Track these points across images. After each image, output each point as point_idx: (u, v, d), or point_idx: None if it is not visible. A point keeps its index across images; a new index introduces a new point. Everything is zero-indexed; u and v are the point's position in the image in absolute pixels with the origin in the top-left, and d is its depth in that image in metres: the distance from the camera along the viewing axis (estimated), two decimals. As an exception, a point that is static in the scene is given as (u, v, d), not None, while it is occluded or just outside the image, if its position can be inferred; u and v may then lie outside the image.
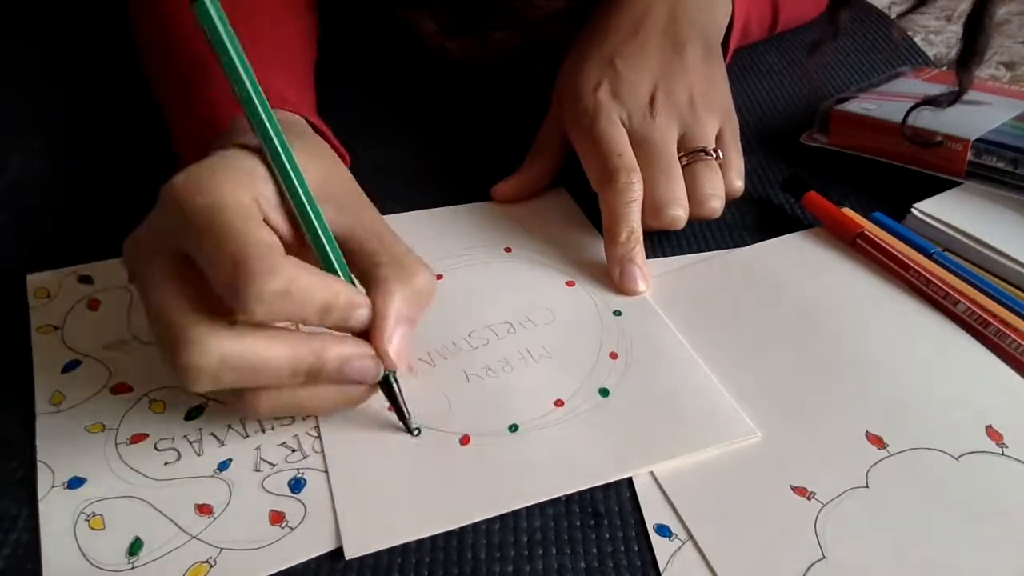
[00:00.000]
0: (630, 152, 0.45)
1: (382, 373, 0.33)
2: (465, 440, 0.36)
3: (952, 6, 0.73)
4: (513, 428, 0.36)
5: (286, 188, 0.32)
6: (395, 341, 0.33)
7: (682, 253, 0.46)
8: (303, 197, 0.33)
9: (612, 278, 0.43)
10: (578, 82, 0.48)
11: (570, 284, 0.44)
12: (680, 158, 0.45)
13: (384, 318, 0.32)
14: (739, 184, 0.47)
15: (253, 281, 0.29)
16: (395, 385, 0.35)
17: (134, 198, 0.49)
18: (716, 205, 0.45)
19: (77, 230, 0.47)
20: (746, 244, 0.47)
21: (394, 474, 0.34)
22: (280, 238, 0.32)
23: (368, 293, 0.33)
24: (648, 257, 0.44)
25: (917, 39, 0.68)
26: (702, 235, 0.48)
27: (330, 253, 0.33)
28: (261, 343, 0.31)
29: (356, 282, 0.34)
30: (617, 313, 0.42)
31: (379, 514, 0.33)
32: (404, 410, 0.35)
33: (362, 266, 0.34)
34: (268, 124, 0.32)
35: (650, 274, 0.44)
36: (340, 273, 0.34)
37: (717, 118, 0.47)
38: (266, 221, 0.32)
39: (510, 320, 0.42)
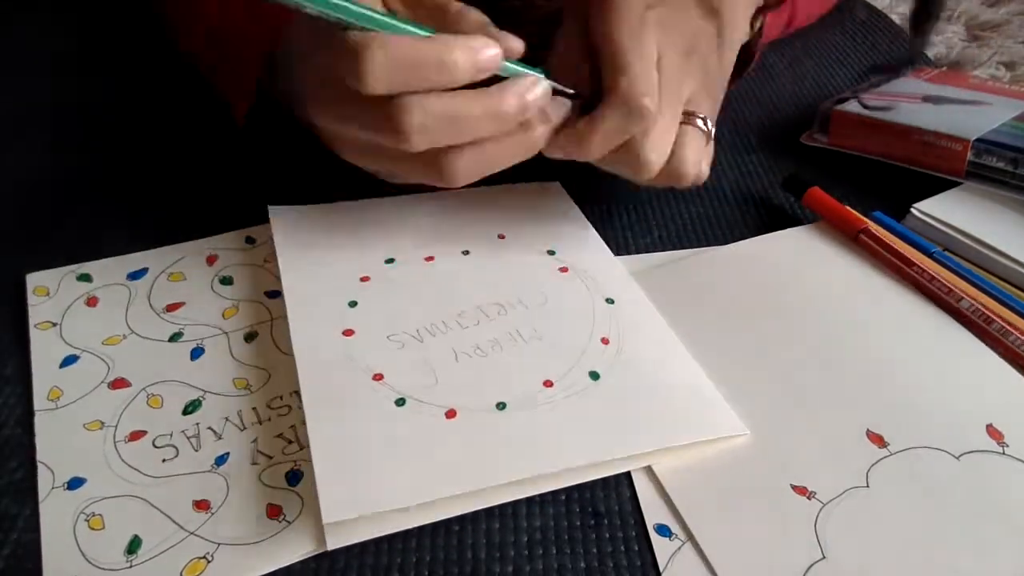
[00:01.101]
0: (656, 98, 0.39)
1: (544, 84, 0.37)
2: (451, 414, 0.36)
3: (952, 6, 0.73)
4: (501, 406, 0.36)
5: None
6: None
7: (676, 250, 0.46)
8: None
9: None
10: None
11: (563, 271, 0.44)
12: None
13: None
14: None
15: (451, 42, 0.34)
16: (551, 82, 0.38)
17: (134, 197, 0.49)
18: (702, 172, 0.42)
19: (77, 230, 0.47)
20: (741, 240, 0.46)
21: (376, 444, 0.34)
22: None
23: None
24: (646, 251, 0.44)
25: (917, 39, 0.68)
26: (702, 233, 0.47)
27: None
28: (459, 97, 0.35)
29: None
30: (610, 301, 0.42)
31: (360, 483, 0.33)
32: (563, 89, 0.39)
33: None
34: None
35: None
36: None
37: (710, 108, 0.44)
38: None
39: (501, 302, 0.41)
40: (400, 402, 0.36)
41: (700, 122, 0.42)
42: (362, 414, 0.35)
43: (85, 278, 0.43)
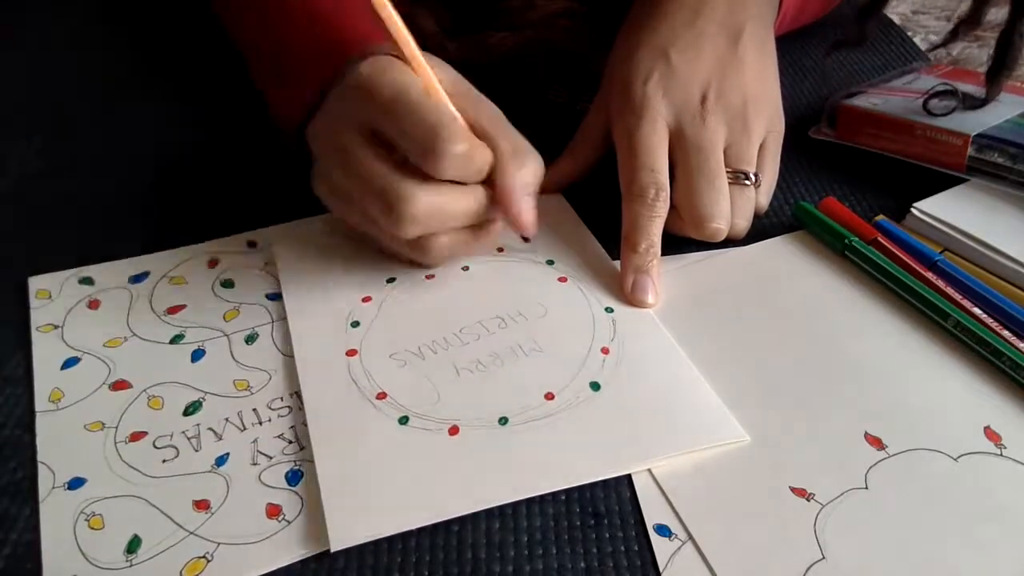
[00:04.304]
0: (664, 167, 0.44)
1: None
2: (454, 431, 0.36)
3: (952, 6, 0.73)
4: (503, 421, 0.36)
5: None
6: (526, 211, 0.40)
7: (676, 253, 0.46)
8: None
9: (623, 287, 0.43)
10: (628, 72, 0.46)
11: (562, 280, 0.44)
12: None
13: (511, 192, 0.39)
14: (765, 203, 0.47)
15: (445, 146, 0.36)
16: None
17: (135, 201, 0.50)
18: (742, 229, 0.45)
19: (77, 230, 0.47)
20: (742, 244, 0.46)
21: (381, 464, 0.34)
22: None
23: (495, 170, 0.39)
24: None
25: (917, 39, 0.69)
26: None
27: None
28: (451, 194, 0.38)
29: None
30: (609, 310, 0.42)
31: (365, 505, 0.33)
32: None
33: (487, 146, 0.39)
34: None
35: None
36: None
37: (765, 125, 0.47)
38: None
39: (501, 315, 0.41)
40: (403, 420, 0.36)
41: (744, 178, 0.45)
42: (367, 434, 0.36)
43: (87, 281, 0.43)
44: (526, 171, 0.39)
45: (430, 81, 0.39)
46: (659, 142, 0.45)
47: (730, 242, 0.46)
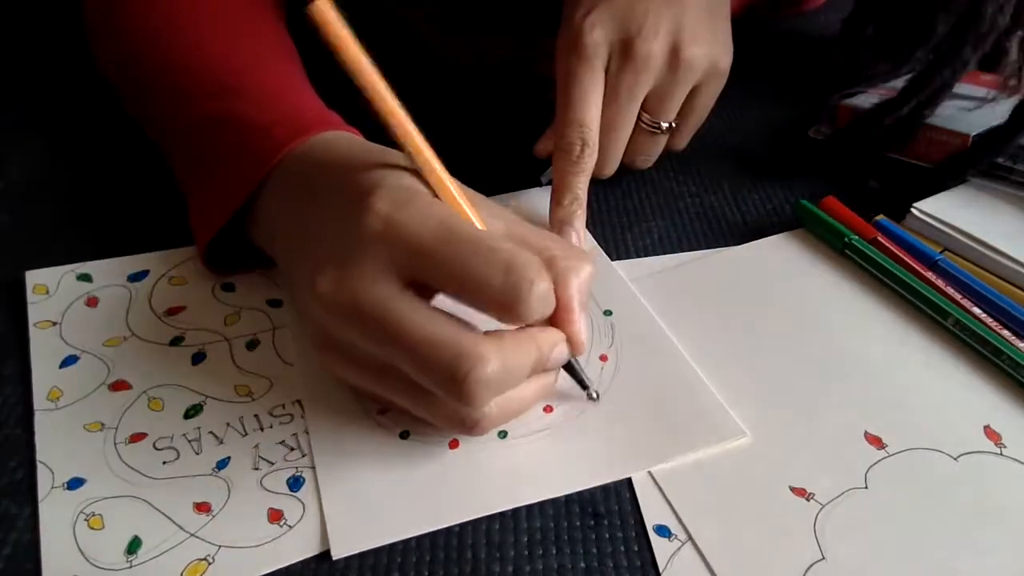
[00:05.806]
0: (596, 123, 0.44)
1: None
2: (454, 445, 0.36)
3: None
4: (502, 435, 0.36)
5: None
6: (584, 328, 0.34)
7: (675, 252, 0.46)
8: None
9: None
10: (571, 7, 0.45)
11: None
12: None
13: (573, 310, 0.33)
14: (681, 145, 0.48)
15: (531, 288, 0.30)
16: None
17: (133, 197, 0.49)
18: (640, 166, 0.47)
19: (77, 230, 0.47)
20: (741, 243, 0.47)
21: (382, 476, 0.34)
22: None
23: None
24: (646, 254, 0.45)
25: (917, 38, 0.68)
26: (702, 234, 0.47)
27: None
28: (513, 348, 0.31)
29: None
30: (608, 313, 0.42)
31: (367, 515, 0.33)
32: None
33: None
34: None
35: (586, 239, 0.45)
36: None
37: (699, 72, 0.45)
38: None
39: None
40: (404, 435, 0.36)
41: (657, 128, 0.46)
42: (368, 448, 0.35)
43: (85, 278, 0.43)
44: (584, 278, 0.33)
45: (457, 202, 0.33)
46: (593, 92, 0.44)
47: (728, 240, 0.46)
